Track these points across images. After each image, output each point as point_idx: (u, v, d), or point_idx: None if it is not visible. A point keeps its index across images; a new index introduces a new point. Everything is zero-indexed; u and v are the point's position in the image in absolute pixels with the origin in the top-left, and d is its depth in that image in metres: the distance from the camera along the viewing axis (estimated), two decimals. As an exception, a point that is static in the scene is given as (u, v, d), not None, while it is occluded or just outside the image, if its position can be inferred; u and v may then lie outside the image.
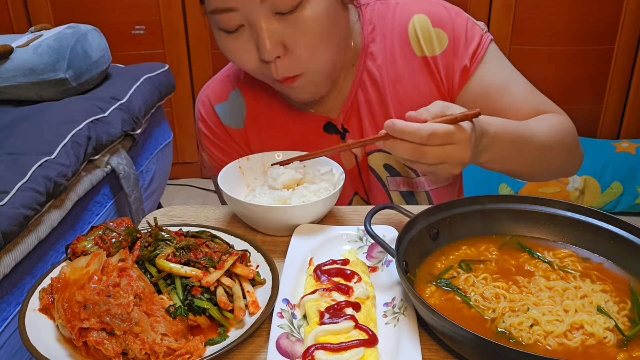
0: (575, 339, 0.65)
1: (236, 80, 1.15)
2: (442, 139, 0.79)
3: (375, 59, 1.08)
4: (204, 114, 1.16)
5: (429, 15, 1.06)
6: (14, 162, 1.40)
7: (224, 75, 1.18)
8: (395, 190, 1.14)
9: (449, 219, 0.82)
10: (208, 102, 1.16)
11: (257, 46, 0.93)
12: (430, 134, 0.78)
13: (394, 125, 0.79)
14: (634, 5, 2.68)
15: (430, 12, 1.06)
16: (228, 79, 1.16)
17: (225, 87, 1.16)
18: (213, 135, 1.16)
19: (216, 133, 1.16)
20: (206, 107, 1.16)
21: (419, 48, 1.06)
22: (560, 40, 2.77)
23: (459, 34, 1.05)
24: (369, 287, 0.75)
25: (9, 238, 1.23)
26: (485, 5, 2.73)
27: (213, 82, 1.18)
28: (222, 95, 1.16)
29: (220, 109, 1.15)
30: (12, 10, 2.85)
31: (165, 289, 0.73)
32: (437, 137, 0.79)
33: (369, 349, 0.65)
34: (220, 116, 1.15)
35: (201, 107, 1.17)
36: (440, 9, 1.07)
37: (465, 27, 1.06)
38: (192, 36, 2.92)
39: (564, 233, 0.83)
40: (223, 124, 1.15)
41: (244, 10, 0.89)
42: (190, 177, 3.27)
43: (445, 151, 0.80)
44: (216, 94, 1.16)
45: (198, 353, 0.66)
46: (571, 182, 2.70)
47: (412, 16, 1.06)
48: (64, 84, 1.77)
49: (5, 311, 1.26)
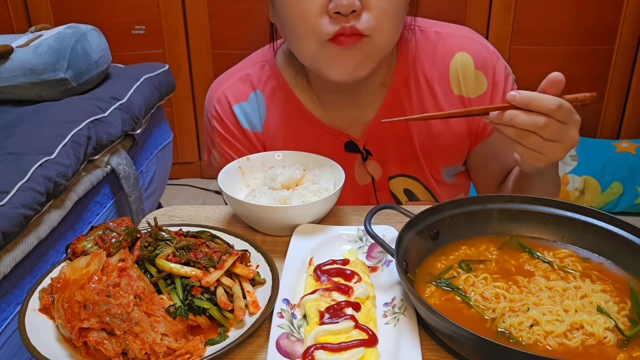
0: (575, 339, 0.65)
1: (258, 81, 1.11)
2: (565, 115, 0.78)
3: (409, 86, 1.06)
4: (221, 113, 1.12)
5: (473, 55, 1.05)
6: (14, 162, 1.40)
7: (243, 73, 1.13)
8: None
9: (449, 219, 0.82)
10: (226, 100, 1.11)
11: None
12: (558, 105, 0.78)
13: (519, 94, 0.79)
14: (634, 5, 2.68)
15: (473, 52, 1.05)
16: (248, 78, 1.12)
17: (245, 87, 1.12)
18: (229, 135, 1.12)
19: (233, 133, 1.12)
20: (223, 105, 1.12)
21: (457, 87, 1.06)
22: (560, 40, 2.77)
23: (498, 80, 1.05)
24: (369, 287, 0.75)
25: (9, 238, 1.23)
26: (485, 5, 2.73)
27: (230, 79, 1.13)
28: (241, 95, 1.11)
29: (238, 109, 1.11)
30: (12, 10, 2.85)
31: (165, 289, 0.73)
32: (562, 111, 0.78)
33: (369, 349, 0.65)
34: (239, 117, 1.11)
35: (217, 105, 1.12)
36: (483, 50, 1.06)
37: (504, 74, 1.06)
38: (192, 36, 2.92)
39: (564, 233, 0.83)
40: (241, 125, 1.12)
41: None
42: (190, 177, 3.27)
43: (564, 129, 0.79)
44: (235, 93, 1.11)
45: (198, 353, 0.66)
46: (571, 182, 2.70)
47: (455, 53, 1.05)
48: (64, 84, 1.77)
49: (5, 311, 1.26)
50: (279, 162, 1.03)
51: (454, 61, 1.05)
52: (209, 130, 1.16)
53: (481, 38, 1.09)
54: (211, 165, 1.20)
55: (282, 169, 0.99)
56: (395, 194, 1.13)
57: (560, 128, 0.80)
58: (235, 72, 1.14)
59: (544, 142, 0.81)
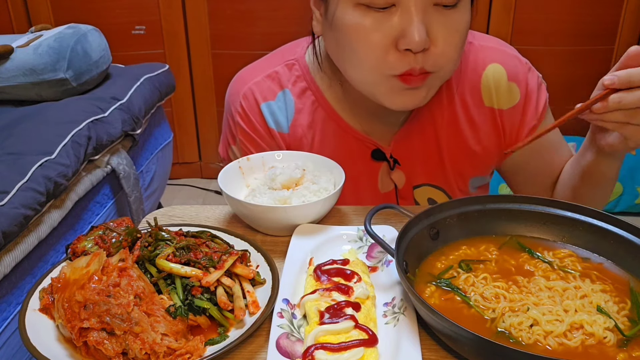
0: (575, 339, 0.65)
1: (287, 80, 1.08)
2: None
3: (440, 96, 1.05)
4: (247, 110, 1.08)
5: (506, 67, 1.05)
6: (14, 162, 1.40)
7: (272, 70, 1.09)
8: None
9: (449, 219, 0.82)
10: (253, 97, 1.08)
11: (404, 33, 0.85)
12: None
13: (616, 76, 0.78)
14: (634, 5, 2.68)
15: (506, 64, 1.05)
16: (277, 76, 1.08)
17: (274, 84, 1.08)
18: (254, 133, 1.09)
19: (258, 131, 1.09)
20: (250, 102, 1.08)
21: (489, 98, 1.05)
22: (560, 40, 2.77)
23: (531, 91, 1.05)
24: (369, 287, 0.75)
25: (9, 238, 1.23)
26: (485, 5, 2.73)
27: (258, 75, 1.09)
28: (269, 93, 1.08)
29: (266, 108, 1.08)
30: (12, 10, 2.85)
31: (165, 289, 0.73)
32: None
33: (368, 349, 0.65)
34: (266, 116, 1.08)
35: (243, 101, 1.08)
36: (515, 62, 1.06)
37: (537, 85, 1.06)
38: (192, 36, 2.92)
39: (564, 233, 0.83)
40: (268, 125, 1.09)
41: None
42: (190, 177, 3.27)
43: None
44: (263, 91, 1.08)
45: (198, 353, 0.66)
46: (571, 182, 2.70)
47: (487, 64, 1.05)
48: (64, 84, 1.77)
49: (6, 311, 1.26)
50: (279, 162, 1.03)
51: (486, 73, 1.05)
52: (232, 125, 1.12)
53: (513, 50, 1.09)
54: (228, 160, 1.15)
55: (282, 169, 0.99)
56: (418, 203, 1.13)
57: None
58: (262, 67, 1.11)
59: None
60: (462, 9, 0.89)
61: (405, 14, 0.85)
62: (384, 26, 0.86)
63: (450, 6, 0.87)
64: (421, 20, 0.84)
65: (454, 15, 0.88)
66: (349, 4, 0.88)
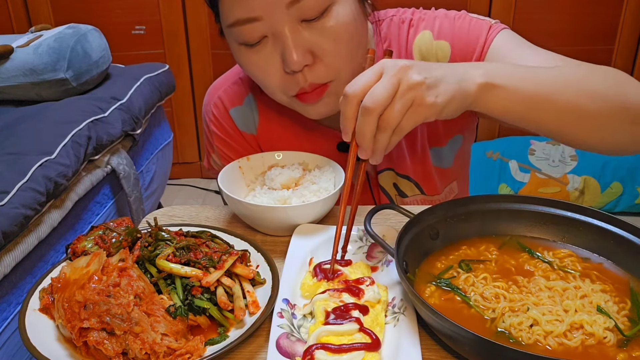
0: (575, 339, 0.65)
1: (251, 85, 1.12)
2: (366, 80, 0.78)
3: None
4: (218, 117, 1.13)
5: (432, 29, 1.03)
6: (14, 162, 1.40)
7: (237, 77, 1.14)
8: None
9: (449, 219, 0.82)
10: (222, 105, 1.12)
11: (282, 57, 0.89)
12: (352, 88, 0.78)
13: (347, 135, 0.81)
14: (634, 5, 2.68)
15: (433, 26, 1.04)
16: (242, 81, 1.13)
17: (240, 90, 1.12)
18: (228, 137, 1.13)
19: (231, 135, 1.13)
20: (220, 109, 1.13)
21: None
22: (560, 40, 2.77)
23: (460, 36, 1.02)
24: (381, 291, 0.74)
25: (9, 238, 1.23)
26: (485, 5, 2.74)
27: (225, 83, 1.14)
28: (236, 99, 1.12)
29: (235, 113, 1.12)
30: (12, 10, 2.85)
31: (165, 289, 0.73)
32: (358, 82, 0.78)
33: (369, 353, 0.65)
34: (235, 120, 1.12)
35: (214, 110, 1.13)
36: (443, 21, 1.04)
37: (468, 28, 1.02)
38: (192, 36, 2.92)
39: (563, 233, 0.83)
40: (239, 128, 1.12)
41: (269, 19, 0.87)
42: (190, 177, 3.27)
43: (388, 84, 0.75)
44: (230, 97, 1.12)
45: (198, 353, 0.67)
46: (571, 182, 2.70)
47: (417, 34, 1.04)
48: (64, 84, 1.77)
49: (6, 311, 1.26)
50: (278, 162, 1.04)
51: (416, 42, 1.04)
52: (208, 134, 1.17)
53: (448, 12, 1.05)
54: (211, 169, 1.21)
55: (281, 169, 0.99)
56: (385, 188, 1.14)
57: (389, 86, 0.78)
58: (229, 77, 1.15)
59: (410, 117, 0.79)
60: (332, 13, 0.88)
61: (277, 41, 0.89)
62: (267, 57, 0.91)
63: (316, 18, 0.88)
64: (293, 41, 0.88)
65: (325, 24, 0.88)
66: (234, 44, 0.95)
